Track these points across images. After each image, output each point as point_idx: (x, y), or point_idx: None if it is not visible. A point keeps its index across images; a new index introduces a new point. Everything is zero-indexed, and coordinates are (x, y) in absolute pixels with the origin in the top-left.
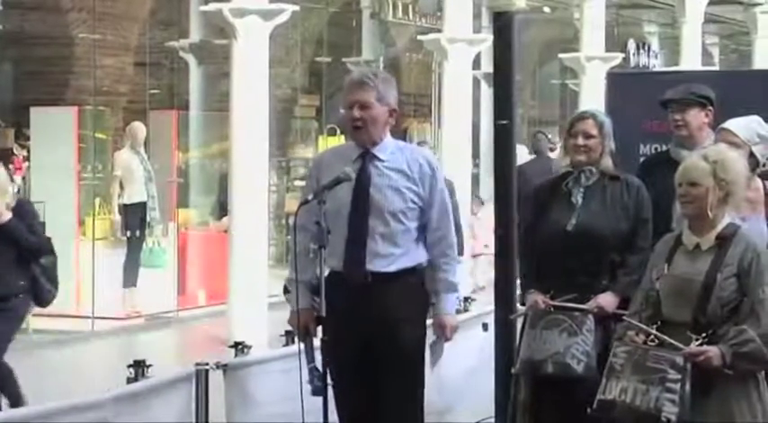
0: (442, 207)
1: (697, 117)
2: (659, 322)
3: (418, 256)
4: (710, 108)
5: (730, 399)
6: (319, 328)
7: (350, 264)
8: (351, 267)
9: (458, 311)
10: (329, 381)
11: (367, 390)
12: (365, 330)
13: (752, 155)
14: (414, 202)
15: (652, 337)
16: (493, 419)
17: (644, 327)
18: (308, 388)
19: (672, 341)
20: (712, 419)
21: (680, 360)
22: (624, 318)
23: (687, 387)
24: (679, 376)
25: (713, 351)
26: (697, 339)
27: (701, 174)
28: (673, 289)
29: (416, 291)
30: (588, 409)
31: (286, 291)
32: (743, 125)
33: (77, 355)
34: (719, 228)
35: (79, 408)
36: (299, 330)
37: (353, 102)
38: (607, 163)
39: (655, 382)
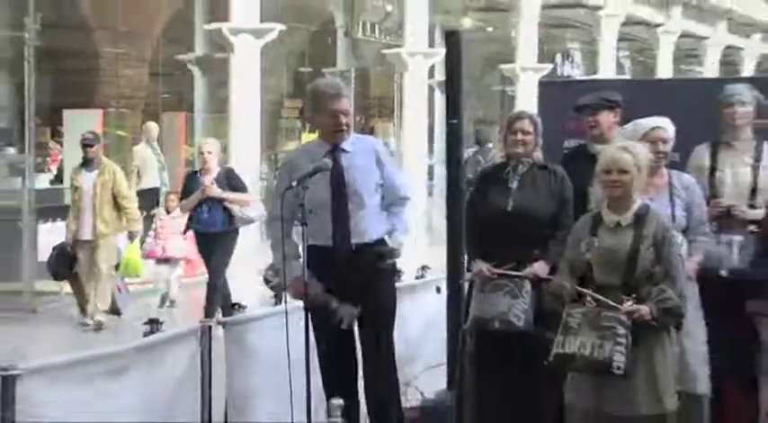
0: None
1: (607, 118)
2: (595, 287)
3: (386, 226)
4: (618, 109)
5: (653, 348)
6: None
7: (338, 240)
8: (338, 243)
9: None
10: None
11: (351, 351)
12: (350, 293)
13: None
14: (378, 178)
15: (590, 298)
16: (445, 365)
17: (591, 293)
18: (294, 342)
19: (611, 302)
20: (640, 367)
21: (624, 318)
22: (578, 289)
23: (629, 340)
24: (624, 331)
25: (644, 308)
26: (628, 300)
27: (629, 163)
28: (602, 259)
29: (388, 255)
30: (545, 362)
31: (266, 281)
32: (669, 124)
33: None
34: (635, 207)
35: (103, 357)
36: (306, 296)
37: (340, 111)
38: (538, 155)
39: (608, 337)
